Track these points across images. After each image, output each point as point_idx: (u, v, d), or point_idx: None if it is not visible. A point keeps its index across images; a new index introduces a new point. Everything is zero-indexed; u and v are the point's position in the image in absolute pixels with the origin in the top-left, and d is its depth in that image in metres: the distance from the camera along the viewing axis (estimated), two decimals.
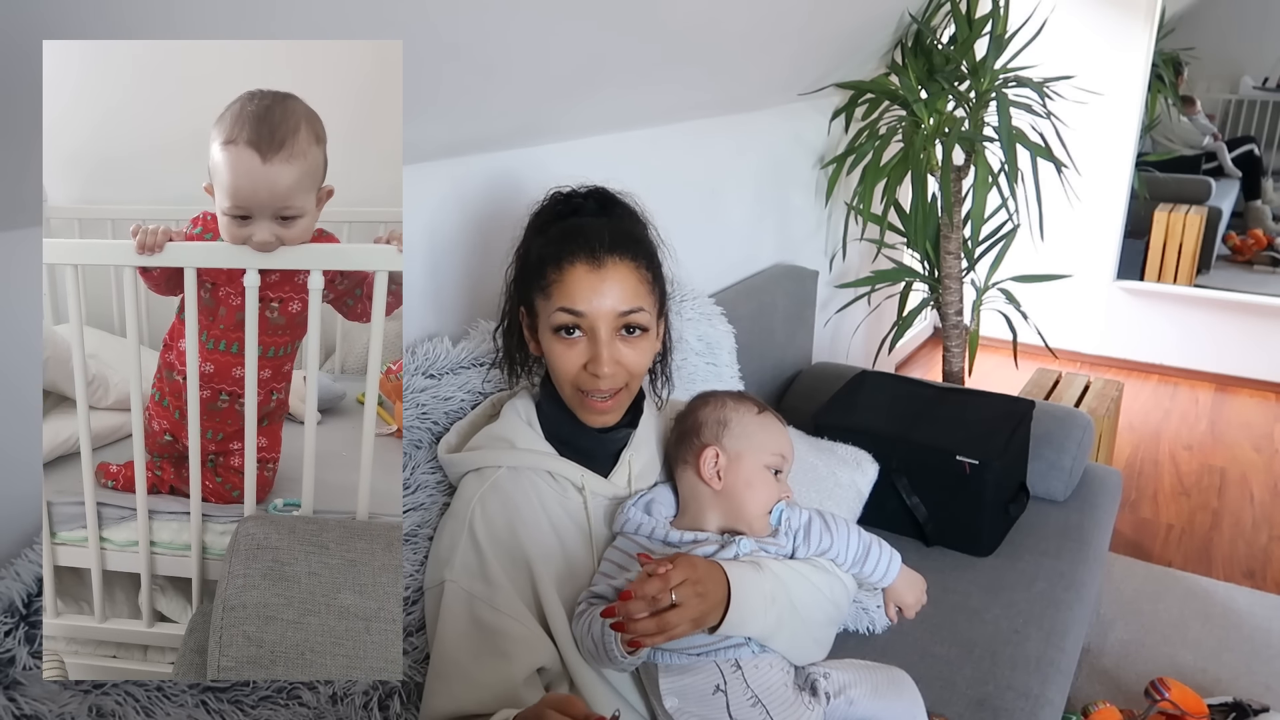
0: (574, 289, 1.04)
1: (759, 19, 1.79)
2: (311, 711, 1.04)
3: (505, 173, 1.56)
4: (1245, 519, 2.77)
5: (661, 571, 0.92)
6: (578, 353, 1.07)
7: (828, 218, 2.82)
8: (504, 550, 1.08)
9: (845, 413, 1.90)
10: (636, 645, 0.94)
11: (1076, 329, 3.91)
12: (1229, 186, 3.68)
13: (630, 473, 1.16)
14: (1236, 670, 2.07)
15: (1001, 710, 1.36)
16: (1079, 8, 3.50)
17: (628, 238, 1.08)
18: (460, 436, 1.23)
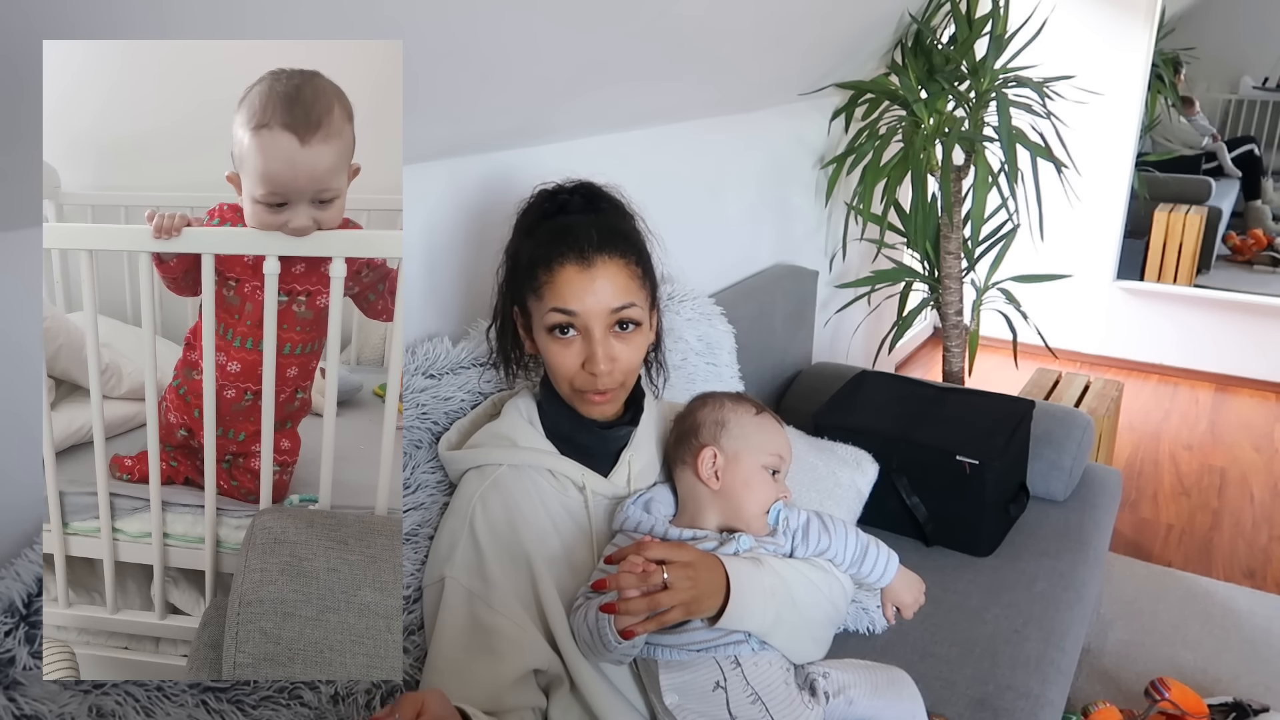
0: (565, 290, 1.05)
1: (759, 19, 1.80)
2: (312, 712, 1.04)
3: (505, 173, 1.56)
4: (1245, 519, 2.77)
5: (647, 540, 0.94)
6: (574, 352, 1.08)
7: (828, 218, 2.82)
8: (504, 548, 1.08)
9: (845, 413, 1.90)
10: (630, 634, 0.94)
11: (1076, 329, 3.91)
12: (1229, 186, 3.68)
13: (630, 472, 1.16)
14: (1236, 670, 2.07)
15: (1001, 710, 1.37)
16: (1079, 8, 3.50)
17: (615, 234, 1.08)
18: (461, 435, 1.23)
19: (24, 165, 0.91)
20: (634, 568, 0.94)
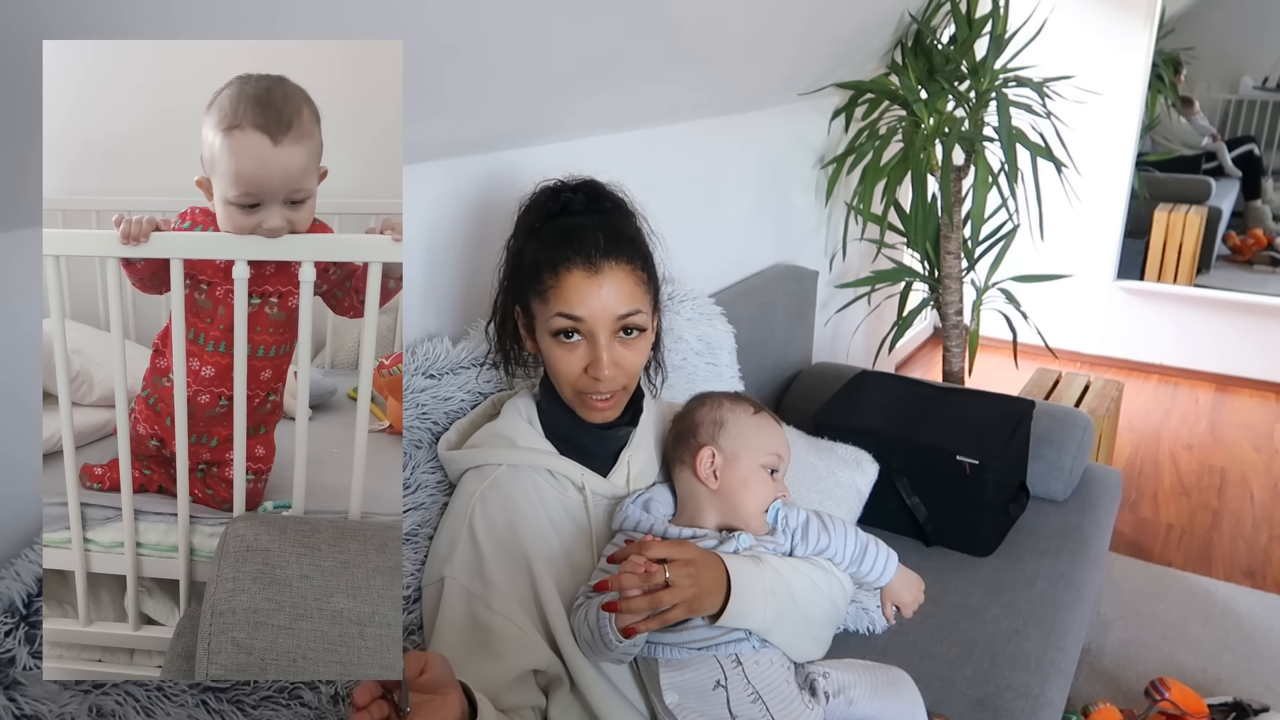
0: (571, 295, 1.04)
1: (759, 19, 1.80)
2: (312, 712, 1.04)
3: (505, 173, 1.57)
4: (1245, 519, 2.77)
5: (648, 539, 0.94)
6: (578, 356, 1.07)
7: (828, 218, 2.82)
8: (503, 548, 1.08)
9: (845, 413, 1.90)
10: (631, 632, 0.94)
11: (1076, 329, 3.91)
12: (1229, 186, 3.68)
13: (629, 472, 1.16)
14: (1236, 670, 2.07)
15: (1001, 710, 1.37)
16: (1079, 8, 3.50)
17: (622, 238, 1.08)
18: (460, 435, 1.23)
19: (24, 165, 0.91)
20: (636, 567, 0.94)
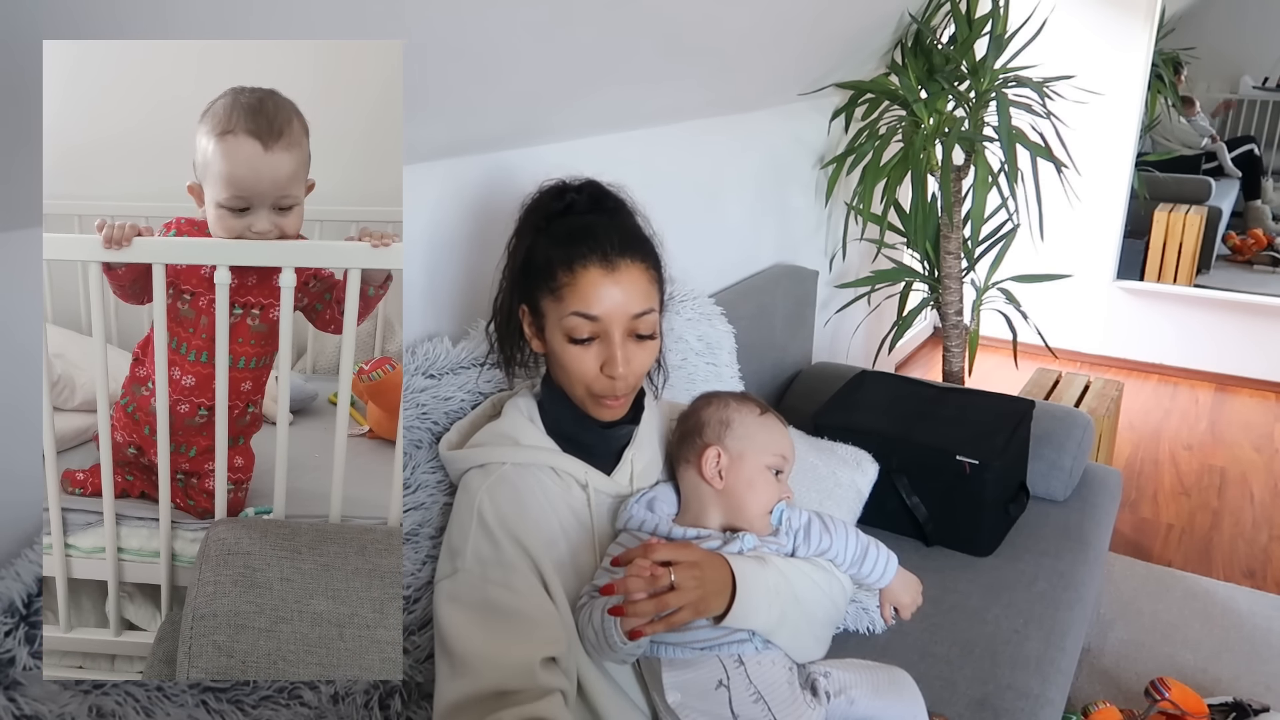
0: (588, 292, 1.04)
1: (759, 19, 1.80)
2: (312, 711, 1.04)
3: (505, 173, 1.56)
4: (1245, 519, 2.77)
5: (653, 543, 0.94)
6: (593, 356, 1.06)
7: (828, 218, 2.82)
8: (515, 536, 1.07)
9: (845, 413, 1.90)
10: (636, 634, 0.94)
11: (1076, 329, 3.91)
12: (1229, 186, 3.68)
13: (633, 471, 1.16)
14: (1236, 670, 2.07)
15: (1001, 710, 1.37)
16: (1079, 8, 3.50)
17: (636, 238, 1.08)
18: (461, 435, 1.22)
19: (24, 165, 0.91)
20: (641, 571, 0.94)
